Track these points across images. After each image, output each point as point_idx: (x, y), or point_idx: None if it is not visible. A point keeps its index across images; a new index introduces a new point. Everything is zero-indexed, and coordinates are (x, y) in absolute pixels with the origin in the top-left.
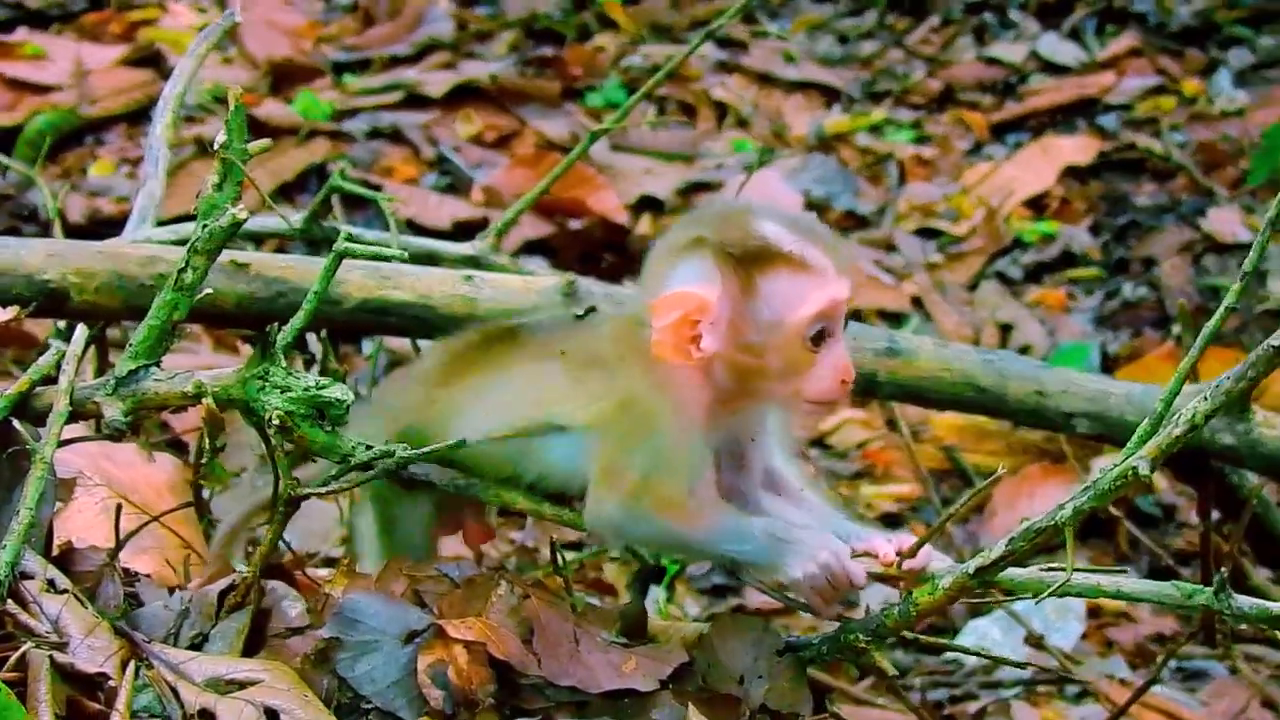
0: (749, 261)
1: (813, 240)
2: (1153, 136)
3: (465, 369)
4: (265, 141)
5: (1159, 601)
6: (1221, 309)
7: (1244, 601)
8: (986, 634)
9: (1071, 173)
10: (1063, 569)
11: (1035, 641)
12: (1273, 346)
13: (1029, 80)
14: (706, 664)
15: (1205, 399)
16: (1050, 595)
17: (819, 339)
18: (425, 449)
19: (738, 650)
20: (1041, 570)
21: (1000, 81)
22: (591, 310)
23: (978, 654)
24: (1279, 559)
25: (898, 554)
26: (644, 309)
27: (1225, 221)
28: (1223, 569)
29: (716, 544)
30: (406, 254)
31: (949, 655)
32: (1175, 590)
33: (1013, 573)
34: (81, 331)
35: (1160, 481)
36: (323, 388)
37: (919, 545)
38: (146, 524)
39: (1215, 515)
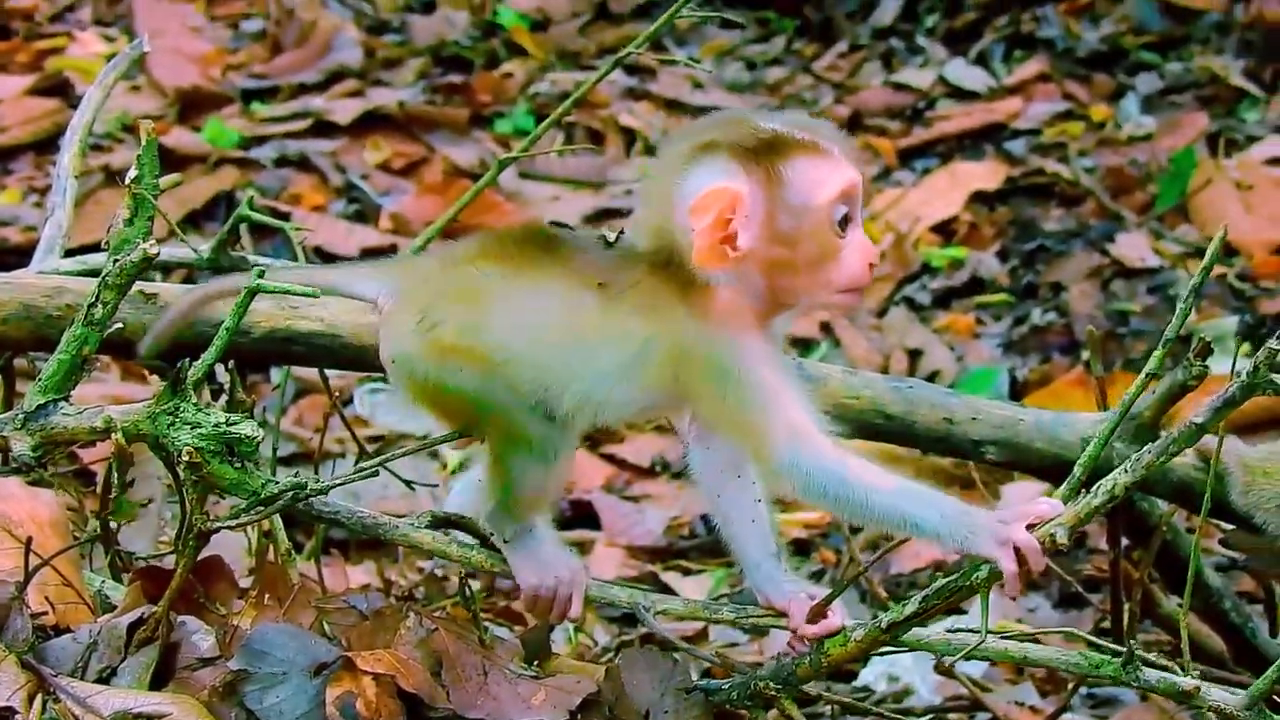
0: (768, 152)
1: (816, 131)
2: (1061, 162)
3: (502, 265)
4: (175, 176)
5: (1065, 670)
6: (1141, 376)
7: (1151, 675)
8: (896, 661)
9: (979, 198)
10: (974, 631)
11: (945, 670)
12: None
13: (937, 106)
14: (614, 696)
15: (1126, 471)
16: (961, 659)
17: (844, 223)
18: (338, 479)
19: (645, 684)
20: (950, 632)
21: (908, 107)
22: (620, 235)
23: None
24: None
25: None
26: (658, 238)
27: (1133, 246)
28: (1132, 641)
29: (894, 504)
30: (319, 291)
31: (859, 681)
32: (1082, 659)
33: (924, 632)
34: None
35: None
36: (233, 424)
37: (827, 602)
38: (54, 557)
39: (1125, 542)
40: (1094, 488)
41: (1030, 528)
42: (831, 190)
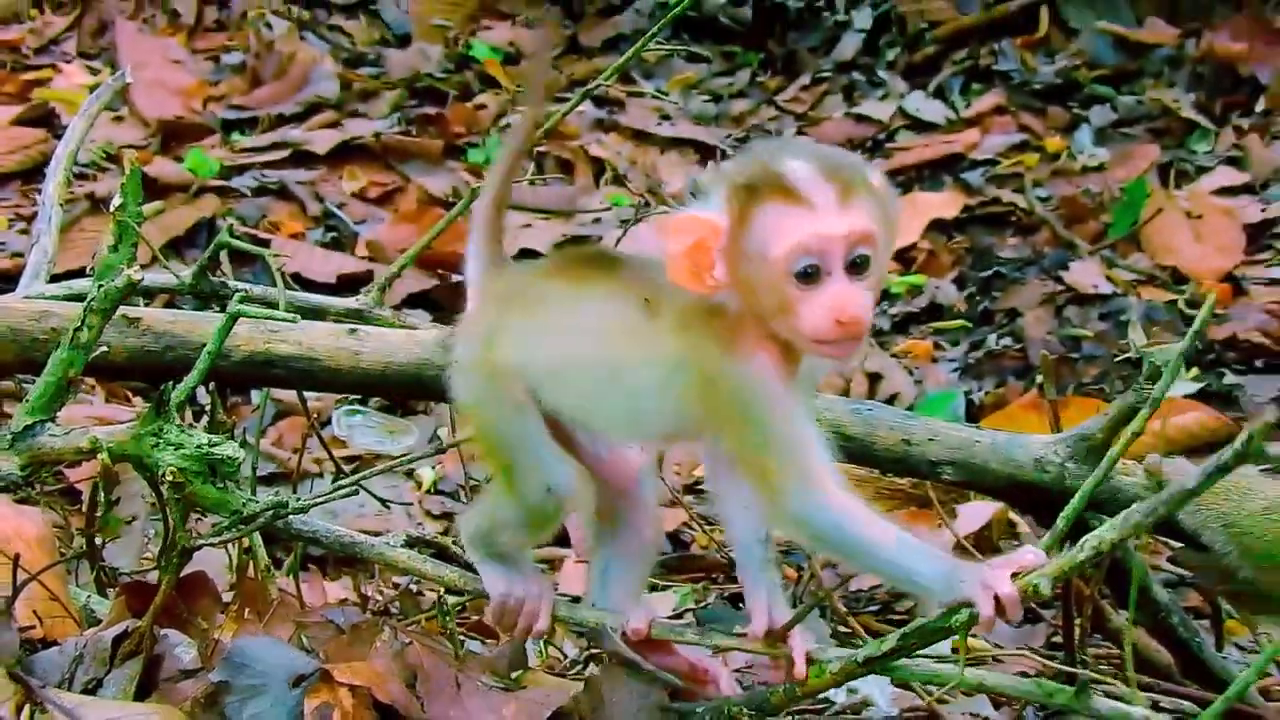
0: (745, 194)
1: (826, 175)
2: (1016, 192)
3: (559, 283)
4: (158, 204)
5: (1024, 698)
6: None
7: (1103, 704)
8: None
9: (938, 226)
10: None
11: (903, 682)
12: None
13: (896, 137)
14: (591, 709)
15: (1114, 529)
16: (942, 693)
17: (808, 276)
18: (316, 498)
19: (624, 702)
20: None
21: (868, 138)
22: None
23: None
24: (1139, 602)
25: (767, 633)
26: None
27: (1086, 274)
28: (1083, 676)
29: (893, 556)
30: (298, 317)
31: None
32: (1036, 688)
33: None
34: None
35: (1024, 526)
36: (215, 445)
37: (790, 625)
38: (41, 572)
39: None
40: (1080, 542)
41: (1014, 575)
42: (788, 243)
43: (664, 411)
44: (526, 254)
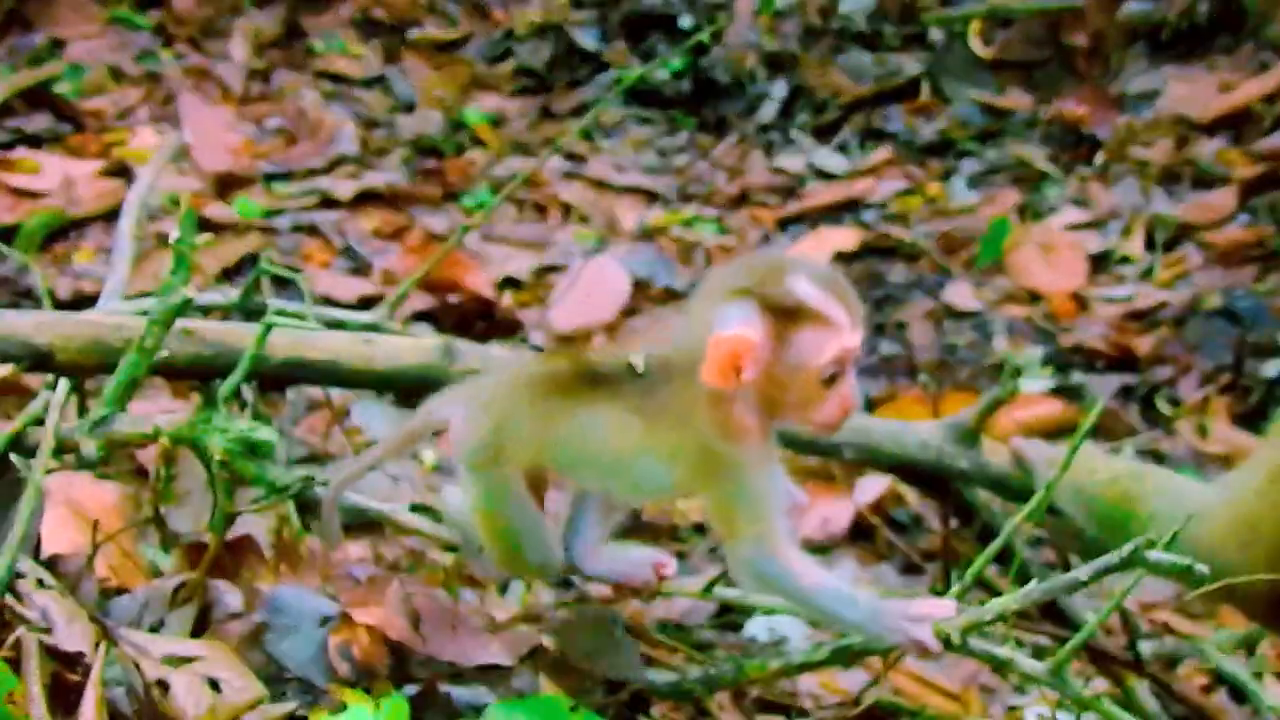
0: (784, 315)
1: (836, 297)
2: (903, 228)
3: (558, 400)
4: (208, 236)
5: None
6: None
7: (976, 645)
8: (777, 618)
9: (841, 257)
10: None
11: (816, 623)
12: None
13: (806, 185)
14: (560, 643)
15: (1016, 600)
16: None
17: (831, 380)
18: (343, 476)
19: (584, 632)
20: None
21: (784, 186)
22: (646, 364)
23: None
24: (1002, 558)
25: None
26: (691, 356)
27: (960, 294)
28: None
29: (827, 603)
30: (322, 324)
31: (747, 633)
32: None
33: None
34: (64, 384)
35: (910, 496)
36: (254, 430)
37: None
38: (115, 534)
39: (954, 523)
40: (987, 605)
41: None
42: (825, 358)
43: (667, 486)
44: (509, 280)
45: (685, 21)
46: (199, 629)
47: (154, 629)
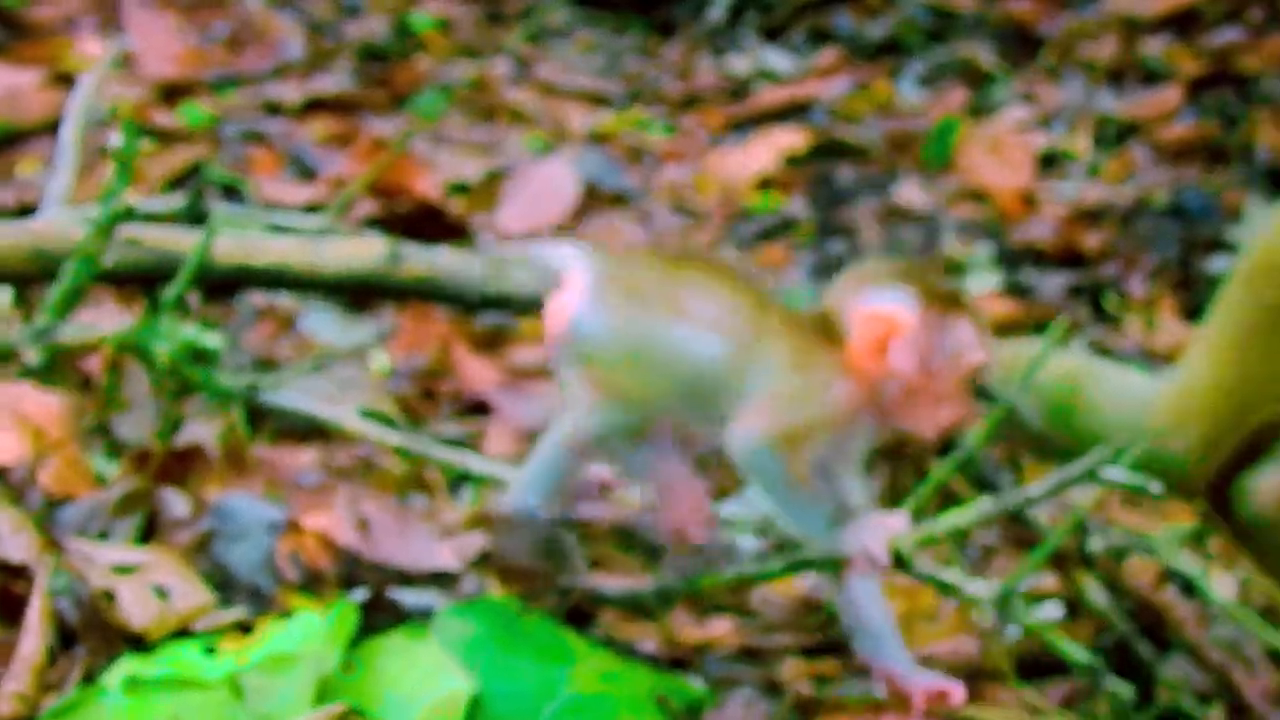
0: (946, 303)
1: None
2: (853, 128)
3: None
4: (152, 144)
5: None
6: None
7: (924, 567)
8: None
9: (790, 159)
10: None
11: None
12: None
13: (755, 87)
14: (499, 545)
15: (968, 515)
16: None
17: (962, 383)
18: (288, 386)
19: (525, 534)
20: None
21: (733, 88)
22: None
23: None
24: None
25: None
26: (839, 314)
27: (909, 193)
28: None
29: (794, 506)
30: (268, 229)
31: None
32: None
33: None
34: (7, 293)
35: None
36: (200, 337)
37: None
38: (61, 443)
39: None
40: (940, 519)
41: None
42: (978, 356)
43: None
44: (458, 186)
45: None
46: (146, 537)
47: (101, 537)
